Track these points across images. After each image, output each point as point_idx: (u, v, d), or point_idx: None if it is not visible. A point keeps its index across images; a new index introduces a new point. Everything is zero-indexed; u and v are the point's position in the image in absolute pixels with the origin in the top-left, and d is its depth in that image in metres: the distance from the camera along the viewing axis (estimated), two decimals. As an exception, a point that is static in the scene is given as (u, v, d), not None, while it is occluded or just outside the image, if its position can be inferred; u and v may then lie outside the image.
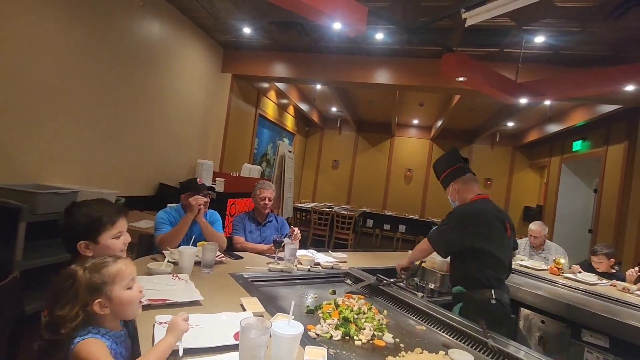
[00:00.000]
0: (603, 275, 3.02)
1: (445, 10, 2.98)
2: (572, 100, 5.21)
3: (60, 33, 2.82)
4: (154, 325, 1.14)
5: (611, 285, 2.78)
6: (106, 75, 3.31)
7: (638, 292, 2.58)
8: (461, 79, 3.46)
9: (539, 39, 3.79)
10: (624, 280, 2.89)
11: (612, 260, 3.14)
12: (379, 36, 4.12)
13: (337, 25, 2.41)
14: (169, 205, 3.06)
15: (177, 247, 1.99)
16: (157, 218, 2.23)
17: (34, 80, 2.66)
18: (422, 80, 4.82)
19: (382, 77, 4.93)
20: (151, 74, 3.92)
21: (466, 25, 2.52)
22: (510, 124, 7.78)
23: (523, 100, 3.94)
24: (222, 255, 2.11)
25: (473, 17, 2.34)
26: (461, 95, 5.52)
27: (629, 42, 3.63)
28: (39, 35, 2.65)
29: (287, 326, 0.99)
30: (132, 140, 3.74)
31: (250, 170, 5.06)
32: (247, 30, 4.49)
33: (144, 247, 2.43)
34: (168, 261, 1.76)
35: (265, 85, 6.40)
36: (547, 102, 5.50)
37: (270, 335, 0.96)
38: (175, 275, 1.63)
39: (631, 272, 2.86)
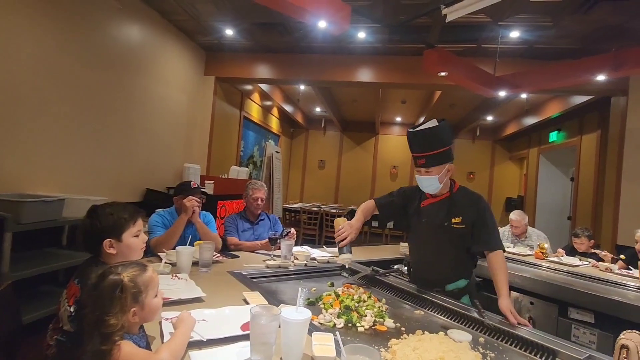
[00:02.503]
0: (584, 255, 3.17)
1: (425, 7, 3.07)
2: (546, 92, 5.42)
3: (38, 38, 2.75)
4: (160, 322, 1.14)
5: (593, 265, 2.92)
6: (86, 81, 3.24)
7: (619, 272, 2.73)
8: (443, 73, 3.57)
9: (514, 34, 3.93)
10: (603, 260, 3.04)
11: (592, 241, 3.32)
12: (361, 35, 4.19)
13: (322, 24, 2.45)
14: (156, 210, 3.04)
15: (173, 249, 1.98)
16: (151, 221, 2.21)
17: (12, 87, 2.59)
18: (404, 78, 4.92)
19: (365, 75, 5.01)
20: (133, 78, 3.86)
21: (446, 21, 2.61)
22: (490, 118, 8.02)
23: (502, 93, 4.09)
24: (219, 254, 2.11)
25: (453, 13, 2.43)
26: (442, 91, 5.66)
27: (597, 34, 3.82)
28: (15, 41, 2.58)
29: (295, 312, 1.02)
30: (116, 145, 3.67)
31: (238, 172, 5.05)
32: (229, 32, 4.48)
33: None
34: (165, 262, 1.75)
35: (249, 87, 6.39)
36: (524, 95, 5.71)
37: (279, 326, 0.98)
38: (174, 275, 1.63)
39: (604, 254, 3.03)
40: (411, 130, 1.75)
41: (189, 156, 5.00)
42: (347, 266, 1.92)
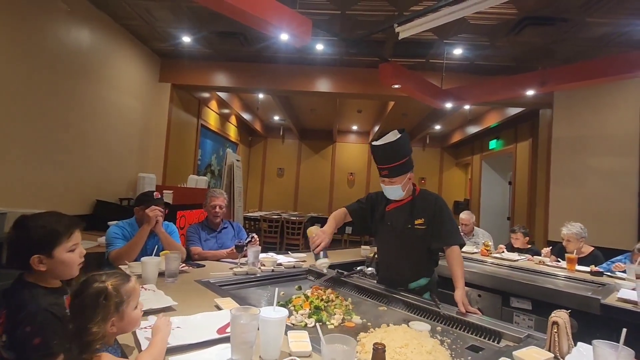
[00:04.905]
0: (520, 250, 3.55)
1: (380, 24, 3.29)
2: (486, 104, 5.98)
3: (-25, 39, 2.54)
4: (133, 332, 1.13)
5: (528, 260, 3.28)
6: (30, 86, 3.03)
7: (550, 264, 3.09)
8: (396, 86, 3.82)
9: (458, 51, 4.33)
10: (537, 254, 3.43)
11: (527, 238, 3.71)
12: (320, 47, 4.34)
13: (284, 37, 2.54)
14: (109, 222, 2.90)
15: (135, 261, 1.92)
16: (110, 233, 2.12)
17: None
18: (360, 88, 5.16)
19: (324, 85, 5.18)
20: (82, 84, 3.66)
21: (399, 38, 2.82)
22: (438, 127, 8.59)
23: (448, 105, 4.46)
24: (184, 264, 2.08)
25: (405, 31, 2.64)
26: (395, 102, 6.00)
27: (527, 54, 4.32)
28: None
29: (272, 312, 1.07)
30: (62, 155, 3.43)
31: (197, 181, 4.93)
32: (186, 39, 4.41)
33: (92, 268, 2.28)
34: (129, 274, 1.70)
35: (207, 95, 6.28)
36: (467, 106, 6.24)
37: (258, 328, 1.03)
38: (140, 286, 1.59)
39: (545, 251, 3.42)
40: (374, 144, 1.86)
41: (144, 166, 4.80)
42: (324, 271, 1.98)
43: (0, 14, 2.72)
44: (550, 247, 3.48)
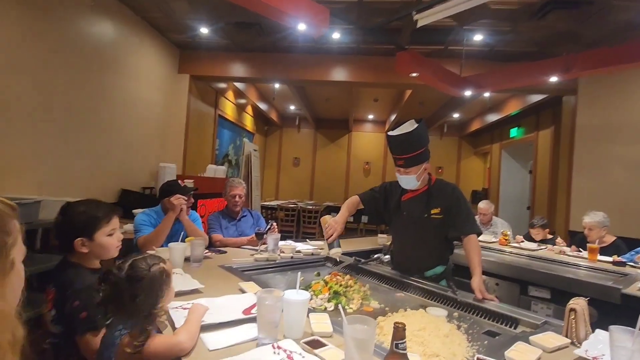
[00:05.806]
0: (543, 242, 3.50)
1: (397, 12, 3.24)
2: (507, 91, 5.82)
3: (4, 33, 2.65)
4: (166, 312, 1.21)
5: (548, 250, 3.24)
6: (57, 78, 3.15)
7: (571, 254, 3.05)
8: (414, 74, 3.78)
9: (478, 37, 4.22)
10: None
11: (547, 230, 3.66)
12: (336, 36, 4.31)
13: (301, 27, 2.55)
14: (134, 210, 3.04)
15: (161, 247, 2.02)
16: (137, 220, 2.22)
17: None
18: (376, 77, 5.12)
19: (340, 74, 5.16)
20: (105, 76, 3.77)
21: (417, 26, 2.78)
22: (456, 115, 8.44)
23: (467, 93, 4.37)
24: (207, 251, 2.17)
25: (424, 19, 2.61)
26: (412, 90, 5.92)
27: (550, 39, 4.17)
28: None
29: (296, 294, 1.13)
30: (88, 145, 3.58)
31: (216, 171, 5.04)
32: (204, 31, 4.46)
33: (121, 253, 2.41)
34: (157, 259, 1.80)
35: (223, 85, 6.36)
36: (487, 94, 6.09)
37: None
38: (168, 270, 1.68)
39: (559, 240, 3.38)
40: (390, 134, 1.85)
41: (164, 155, 4.93)
42: (338, 259, 2.04)
43: (28, 10, 2.83)
44: (558, 237, 3.44)
